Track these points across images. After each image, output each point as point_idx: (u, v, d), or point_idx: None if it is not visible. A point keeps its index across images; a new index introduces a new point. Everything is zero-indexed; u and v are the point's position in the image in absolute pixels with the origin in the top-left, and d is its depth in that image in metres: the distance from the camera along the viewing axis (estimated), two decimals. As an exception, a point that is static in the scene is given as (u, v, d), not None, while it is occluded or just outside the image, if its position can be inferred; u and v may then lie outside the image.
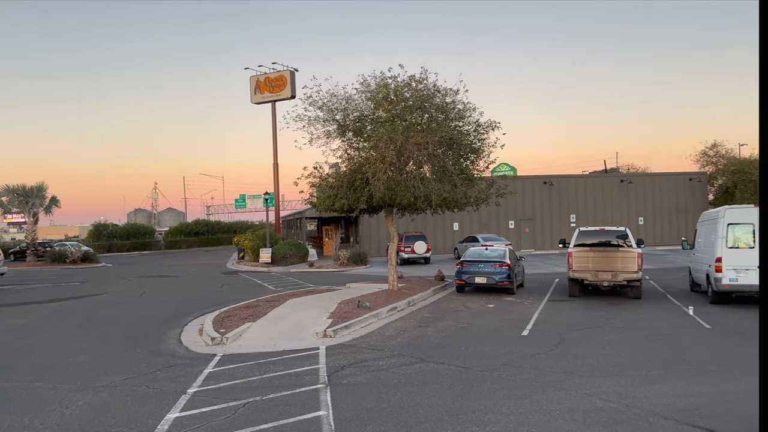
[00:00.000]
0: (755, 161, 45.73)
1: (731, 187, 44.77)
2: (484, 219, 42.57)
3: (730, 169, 45.51)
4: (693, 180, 45.58)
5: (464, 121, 18.32)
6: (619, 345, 11.06)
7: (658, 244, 44.06)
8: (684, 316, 14.46)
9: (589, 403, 7.36)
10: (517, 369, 9.25)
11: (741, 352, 10.28)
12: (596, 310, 15.51)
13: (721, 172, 46.35)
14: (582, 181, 46.97)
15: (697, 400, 7.44)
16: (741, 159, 46.89)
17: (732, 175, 45.11)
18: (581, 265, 17.84)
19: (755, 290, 15.46)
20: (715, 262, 15.80)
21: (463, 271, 19.57)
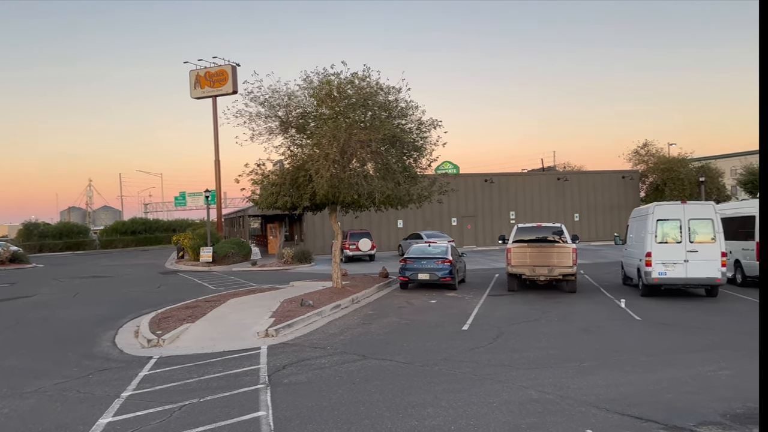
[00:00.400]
0: (683, 160, 48.13)
1: (661, 185, 46.91)
2: (428, 216, 43.07)
3: (660, 167, 47.66)
4: (625, 178, 47.57)
5: (407, 119, 18.48)
6: (554, 337, 11.43)
7: (593, 240, 45.74)
8: (616, 308, 15.08)
9: (525, 395, 7.58)
10: (457, 363, 9.42)
11: (667, 343, 10.81)
12: (533, 304, 15.97)
13: (652, 170, 48.49)
14: (521, 179, 48.21)
15: (627, 389, 7.77)
16: (670, 158, 49.18)
17: (662, 173, 47.25)
18: (519, 261, 18.32)
19: (682, 283, 16.31)
20: (645, 256, 16.54)
21: (406, 268, 19.75)
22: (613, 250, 35.44)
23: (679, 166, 46.61)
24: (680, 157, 48.44)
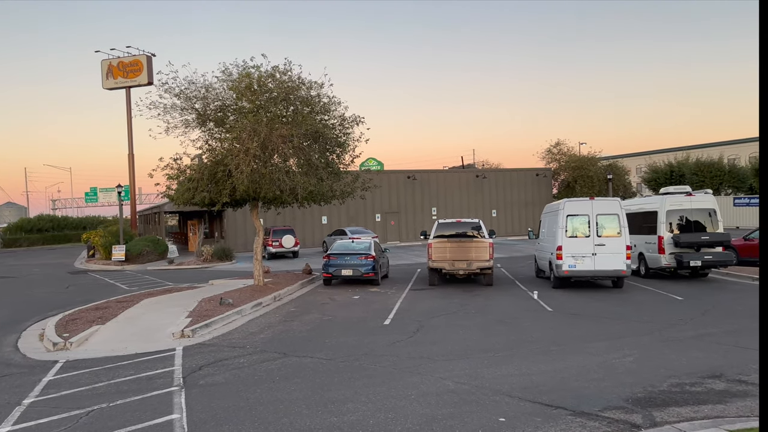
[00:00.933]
0: (592, 158, 50.79)
1: (572, 182, 49.29)
2: (352, 212, 43.14)
3: (571, 165, 50.07)
4: (539, 175, 49.61)
5: (329, 114, 18.40)
6: (472, 329, 11.77)
7: (509, 235, 47.43)
8: (530, 300, 15.71)
9: (443, 386, 7.76)
10: (378, 357, 9.51)
11: (576, 332, 11.38)
12: (453, 298, 16.36)
13: (564, 168, 50.86)
14: (442, 175, 49.22)
15: (538, 378, 8.12)
16: (580, 156, 51.76)
17: (573, 171, 49.66)
18: (440, 256, 18.71)
19: (590, 275, 17.20)
20: (556, 250, 17.33)
21: (329, 264, 19.70)
22: (528, 244, 36.86)
23: (589, 164, 49.19)
24: (590, 156, 51.10)
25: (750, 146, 69.33)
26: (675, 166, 54.89)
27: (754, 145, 68.16)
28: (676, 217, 19.19)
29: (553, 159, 51.78)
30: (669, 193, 19.88)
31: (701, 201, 19.35)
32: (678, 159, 56.55)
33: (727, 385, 7.57)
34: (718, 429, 5.73)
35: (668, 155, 62.14)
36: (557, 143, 52.17)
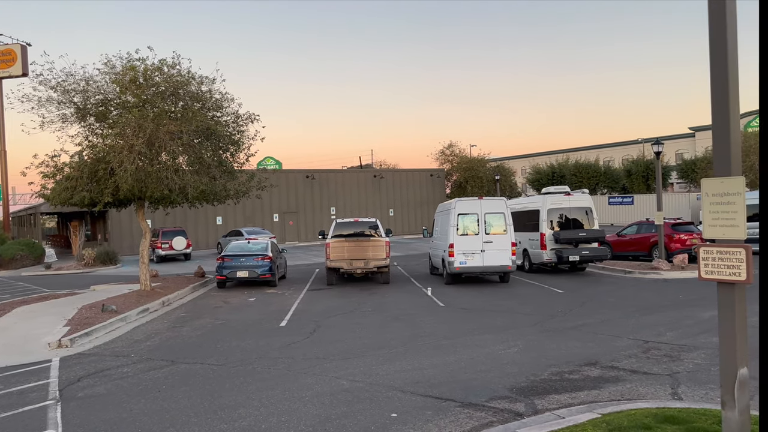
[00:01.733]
0: (482, 160, 53.15)
1: (464, 182, 51.30)
2: (249, 212, 42.16)
3: (462, 166, 52.11)
4: (433, 176, 51.14)
5: (222, 111, 17.86)
6: (367, 327, 11.90)
7: (406, 233, 48.49)
8: (424, 296, 16.13)
9: (337, 385, 7.78)
10: (272, 360, 9.36)
11: (465, 326, 11.83)
12: (350, 297, 16.45)
13: (456, 169, 52.84)
14: (341, 175, 49.36)
15: (430, 371, 8.36)
16: (471, 158, 53.98)
17: (464, 172, 51.71)
18: (337, 255, 18.75)
19: (480, 271, 17.95)
20: (448, 247, 17.94)
21: (224, 266, 19.11)
22: (423, 242, 37.73)
23: (479, 165, 51.46)
24: (479, 158, 53.45)
25: (622, 149, 75.46)
26: (556, 168, 58.61)
27: (627, 148, 74.33)
28: (556, 215, 20.49)
29: (446, 160, 53.59)
30: (550, 192, 21.20)
31: (579, 200, 20.81)
32: (559, 161, 60.50)
33: (602, 371, 8.18)
34: (592, 413, 6.18)
35: (550, 157, 66.30)
36: (450, 145, 54.07)
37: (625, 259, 23.57)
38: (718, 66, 4.75)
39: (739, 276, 4.68)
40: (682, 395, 7.01)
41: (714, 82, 4.79)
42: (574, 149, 78.20)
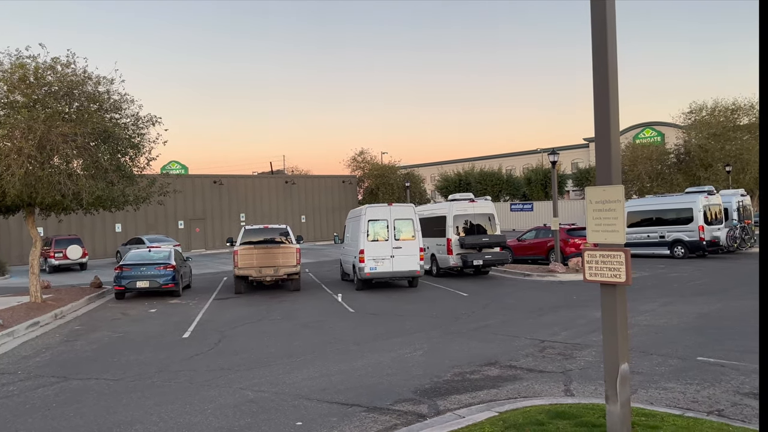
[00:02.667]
0: (392, 167, 54.03)
1: (375, 189, 51.90)
2: (151, 219, 40.40)
3: (374, 173, 52.72)
4: (345, 182, 51.34)
5: (121, 113, 17.05)
6: (276, 336, 11.75)
7: (318, 240, 48.29)
8: (334, 302, 16.15)
9: (242, 396, 7.63)
10: (173, 373, 9.02)
11: (373, 331, 11.97)
12: (259, 305, 16.17)
13: (368, 175, 53.38)
14: (251, 181, 48.40)
15: (337, 378, 8.39)
16: (383, 165, 54.74)
17: (376, 179, 52.33)
18: (246, 262, 18.38)
19: (389, 276, 18.24)
20: (359, 253, 18.08)
21: (122, 275, 18.18)
22: (335, 248, 37.83)
23: (390, 172, 52.31)
24: (390, 165, 54.32)
25: (523, 159, 79.24)
26: (463, 176, 60.61)
27: (527, 157, 78.11)
28: (462, 221, 21.20)
29: (358, 167, 54.02)
30: (455, 199, 21.93)
31: (482, 207, 21.65)
32: (465, 169, 62.63)
33: (501, 371, 8.55)
34: (490, 412, 6.45)
35: (457, 166, 68.48)
36: (361, 152, 54.60)
37: (525, 262, 24.74)
38: (600, 87, 5.15)
39: (620, 278, 5.07)
40: (573, 391, 7.46)
41: (596, 100, 5.18)
42: (479, 158, 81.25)
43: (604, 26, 5.07)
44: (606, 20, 5.05)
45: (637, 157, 44.41)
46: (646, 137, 62.14)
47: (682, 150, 44.89)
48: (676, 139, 48.99)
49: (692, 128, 45.08)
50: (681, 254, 25.01)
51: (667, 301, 14.28)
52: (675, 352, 9.18)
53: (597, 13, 5.12)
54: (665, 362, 8.59)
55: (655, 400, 6.90)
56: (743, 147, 42.48)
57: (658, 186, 42.49)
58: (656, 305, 13.69)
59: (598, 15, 5.11)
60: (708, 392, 7.12)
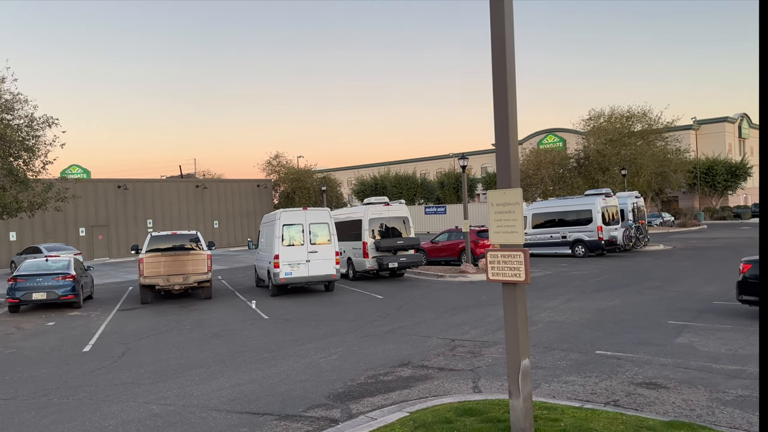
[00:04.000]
0: (308, 171, 53.69)
1: (291, 193, 51.33)
2: (50, 226, 37.90)
3: (290, 177, 52.15)
4: (260, 186, 50.42)
5: (13, 114, 15.95)
6: (185, 346, 11.33)
7: (232, 245, 47.08)
8: (248, 310, 15.80)
9: (147, 411, 7.30)
10: (72, 389, 8.49)
11: (289, 337, 11.82)
12: (167, 315, 15.55)
13: (283, 179, 52.72)
14: (158, 185, 46.47)
15: (248, 387, 8.20)
16: (299, 169, 54.26)
17: (292, 183, 51.77)
18: (153, 271, 17.63)
19: (305, 281, 18.06)
20: (274, 258, 17.79)
21: (16, 287, 16.90)
22: (250, 254, 37.06)
23: (306, 176, 51.94)
24: (306, 169, 53.95)
25: (437, 163, 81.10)
26: (379, 180, 61.27)
27: (440, 162, 79.99)
28: (377, 224, 21.38)
29: (273, 171, 53.25)
30: (371, 203, 22.09)
31: (397, 210, 21.95)
32: (381, 173, 63.33)
33: (413, 371, 8.69)
34: (401, 412, 6.53)
35: (373, 170, 69.11)
36: (276, 155, 53.84)
37: (438, 264, 25.30)
38: (499, 97, 5.36)
39: (519, 277, 5.30)
40: (481, 388, 7.70)
41: (496, 110, 5.39)
42: (395, 162, 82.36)
43: (503, 41, 5.29)
44: (505, 38, 5.26)
45: (540, 162, 46.59)
46: (550, 143, 65.44)
47: (582, 155, 47.61)
48: (577, 144, 51.94)
49: (591, 134, 47.93)
50: (582, 253, 26.48)
51: (569, 298, 15.07)
52: (576, 346, 9.71)
53: (496, 30, 5.33)
54: (567, 357, 9.05)
55: (557, 394, 7.25)
56: (637, 152, 45.64)
57: (560, 189, 44.83)
58: (559, 302, 14.41)
59: (497, 32, 5.32)
60: (605, 384, 7.57)
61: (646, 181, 45.79)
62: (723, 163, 57.07)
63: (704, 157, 58.64)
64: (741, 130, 67.91)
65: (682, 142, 53.29)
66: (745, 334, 9.93)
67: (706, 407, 6.49)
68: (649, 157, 44.74)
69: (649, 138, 46.85)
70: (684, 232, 42.56)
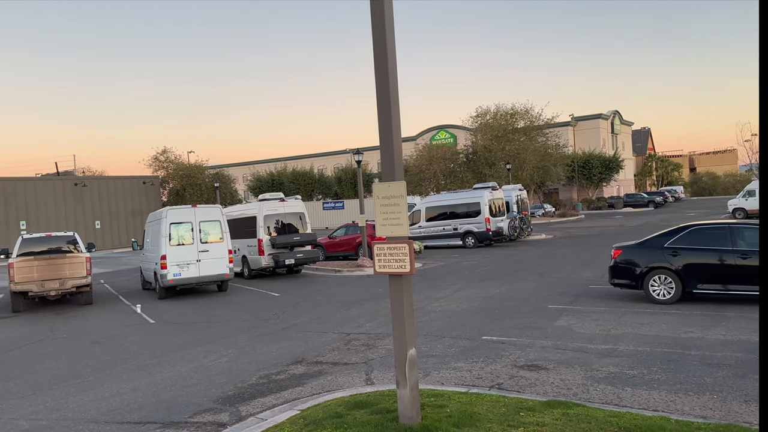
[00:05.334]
0: (200, 167, 51.71)
1: (181, 190, 49.18)
2: None
3: (179, 173, 49.92)
4: (147, 183, 47.85)
5: None
6: (60, 356, 10.51)
7: (117, 247, 44.40)
8: (133, 314, 14.94)
9: (15, 427, 6.69)
10: (-77, 413, 7.60)
11: (177, 341, 11.30)
12: (42, 323, 14.36)
13: (172, 176, 50.38)
14: (32, 184, 42.84)
15: (130, 396, 7.74)
16: (189, 165, 52.07)
17: (181, 179, 49.59)
18: (25, 276, 16.20)
19: (196, 281, 17.36)
20: (160, 259, 16.93)
21: None
22: (136, 256, 35.06)
23: (197, 172, 49.95)
24: (198, 164, 51.91)
25: (334, 158, 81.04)
26: (276, 175, 60.22)
27: (338, 157, 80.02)
28: (272, 221, 20.99)
29: (161, 167, 50.76)
30: (266, 199, 21.64)
31: (292, 206, 21.67)
32: (278, 169, 62.28)
33: (307, 368, 8.60)
34: (292, 411, 6.44)
35: (270, 165, 67.83)
36: (164, 151, 51.35)
37: (336, 259, 25.31)
38: (382, 93, 5.40)
39: (405, 268, 5.39)
40: (374, 380, 7.77)
41: (379, 104, 5.43)
42: (292, 158, 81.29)
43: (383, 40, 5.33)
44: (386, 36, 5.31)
45: (433, 157, 47.97)
46: (442, 139, 67.50)
47: (471, 150, 49.55)
48: (465, 140, 53.98)
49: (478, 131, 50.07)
50: (472, 244, 27.56)
51: (459, 287, 15.62)
52: (464, 333, 10.07)
53: (377, 28, 5.36)
54: (456, 344, 9.37)
55: (445, 380, 7.48)
56: (521, 147, 48.27)
57: (451, 183, 46.46)
58: (450, 291, 14.90)
59: (378, 30, 5.36)
60: (491, 368, 7.91)
61: (529, 174, 48.52)
62: (598, 157, 61.65)
63: (581, 152, 63.02)
64: (614, 126, 73.58)
65: (561, 138, 56.98)
66: (616, 315, 10.77)
67: (581, 385, 6.96)
68: (531, 152, 47.50)
69: (532, 134, 49.74)
70: (564, 221, 45.52)
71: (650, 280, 11.67)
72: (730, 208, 35.04)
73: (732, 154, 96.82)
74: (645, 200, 57.00)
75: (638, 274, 11.82)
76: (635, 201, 57.69)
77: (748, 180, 50.27)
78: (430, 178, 47.09)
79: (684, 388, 6.61)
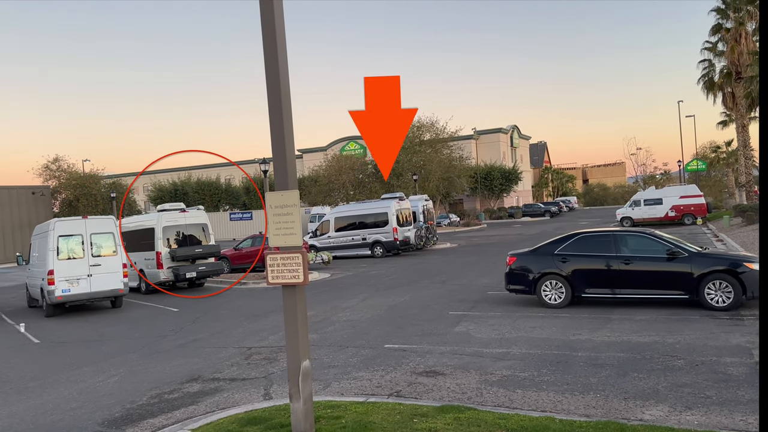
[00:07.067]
0: (95, 176, 48.89)
1: (74, 201, 46.22)
2: None
3: (72, 183, 46.92)
4: (36, 193, 44.58)
5: None
6: (-76, 385, 9.50)
7: (2, 262, 40.97)
8: (15, 334, 13.83)
9: None
10: None
11: (62, 361, 10.55)
12: None
13: (65, 186, 47.27)
14: None
15: (5, 422, 7.14)
16: (83, 174, 49.06)
17: (74, 189, 46.62)
18: None
19: (87, 298, 16.31)
20: (47, 275, 15.78)
21: None
22: (21, 271, 32.50)
23: (92, 182, 47.19)
24: (92, 174, 49.07)
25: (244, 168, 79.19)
26: (179, 185, 58.00)
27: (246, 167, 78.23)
28: (173, 232, 20.16)
29: (52, 176, 47.49)
30: (165, 209, 20.74)
31: (195, 216, 20.92)
32: (182, 179, 60.02)
33: (203, 385, 8.29)
34: (183, 431, 6.17)
35: (173, 175, 65.22)
36: (56, 159, 48.10)
37: (243, 271, 24.66)
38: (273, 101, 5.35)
39: (298, 278, 5.34)
40: (273, 394, 7.62)
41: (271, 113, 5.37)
42: (197, 167, 78.54)
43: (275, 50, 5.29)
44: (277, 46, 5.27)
45: (342, 167, 48.16)
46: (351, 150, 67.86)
47: (379, 161, 50.21)
48: (375, 151, 54.54)
49: (387, 142, 50.81)
50: (380, 254, 27.84)
51: (366, 296, 15.70)
52: (367, 342, 10.11)
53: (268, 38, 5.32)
54: (358, 353, 9.39)
55: (345, 391, 7.46)
56: (427, 159, 49.56)
57: (360, 193, 46.82)
58: (356, 301, 14.93)
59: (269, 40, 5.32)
60: (390, 376, 7.98)
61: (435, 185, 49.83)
62: (499, 169, 64.38)
63: (483, 164, 65.57)
64: (512, 140, 77.09)
65: (465, 150, 58.98)
66: (511, 320, 11.22)
67: (475, 389, 7.17)
68: (437, 163, 48.88)
69: (437, 146, 51.18)
70: (468, 231, 47.02)
71: (542, 285, 12.27)
72: (618, 217, 37.58)
73: (621, 166, 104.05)
74: (542, 210, 60.06)
75: (531, 280, 12.40)
76: (533, 211, 60.65)
77: (634, 191, 54.24)
78: (339, 189, 47.20)
79: (570, 389, 6.98)
